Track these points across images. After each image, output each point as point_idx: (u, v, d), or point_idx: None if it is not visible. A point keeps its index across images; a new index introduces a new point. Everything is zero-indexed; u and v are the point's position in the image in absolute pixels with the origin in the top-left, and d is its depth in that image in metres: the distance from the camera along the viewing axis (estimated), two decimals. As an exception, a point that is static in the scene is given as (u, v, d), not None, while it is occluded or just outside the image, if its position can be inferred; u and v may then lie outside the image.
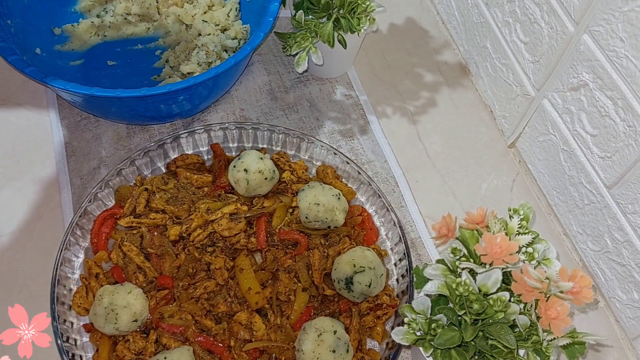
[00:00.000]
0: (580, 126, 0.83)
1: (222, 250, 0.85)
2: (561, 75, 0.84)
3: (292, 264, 0.84)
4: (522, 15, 0.90)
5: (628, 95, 0.73)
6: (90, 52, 1.05)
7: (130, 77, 1.03)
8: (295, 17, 0.95)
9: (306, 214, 0.86)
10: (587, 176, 0.85)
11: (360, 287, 0.80)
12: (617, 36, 0.72)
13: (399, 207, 0.95)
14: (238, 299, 0.82)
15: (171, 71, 1.02)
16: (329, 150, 0.93)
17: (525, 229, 0.70)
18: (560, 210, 0.94)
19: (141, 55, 1.05)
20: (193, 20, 1.06)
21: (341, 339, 0.77)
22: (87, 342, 0.80)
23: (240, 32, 1.05)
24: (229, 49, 1.04)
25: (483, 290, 0.66)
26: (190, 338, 0.79)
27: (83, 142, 0.97)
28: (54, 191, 0.92)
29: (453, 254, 0.69)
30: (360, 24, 0.94)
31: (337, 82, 1.07)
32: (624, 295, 0.84)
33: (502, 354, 0.65)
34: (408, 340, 0.68)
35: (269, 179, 0.88)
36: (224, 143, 0.95)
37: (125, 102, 0.88)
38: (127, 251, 0.83)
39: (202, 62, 1.01)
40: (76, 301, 0.81)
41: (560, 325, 0.62)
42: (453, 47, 1.13)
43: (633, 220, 0.78)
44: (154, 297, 0.80)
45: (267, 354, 0.79)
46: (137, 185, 0.90)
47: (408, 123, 1.04)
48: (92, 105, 0.93)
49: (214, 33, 1.04)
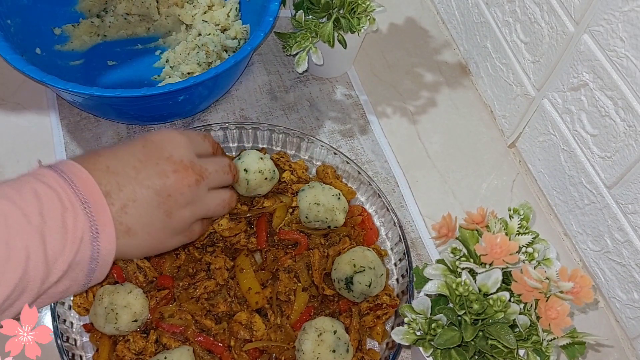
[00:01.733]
0: (581, 126, 0.83)
1: (222, 250, 0.85)
2: (561, 75, 0.84)
3: (292, 264, 0.84)
4: (523, 15, 0.90)
5: (628, 95, 0.73)
6: (90, 52, 1.05)
7: (130, 77, 1.03)
8: (295, 17, 0.95)
9: (306, 214, 0.86)
10: (587, 176, 0.85)
11: (360, 287, 0.80)
12: (617, 36, 0.72)
13: (399, 207, 0.95)
14: (238, 298, 0.82)
15: (171, 71, 1.02)
16: (329, 150, 0.93)
17: (525, 229, 0.70)
18: (560, 210, 0.94)
19: (141, 55, 1.05)
20: (193, 20, 1.06)
21: (341, 339, 0.77)
22: (87, 342, 0.80)
23: (240, 32, 1.05)
24: (229, 49, 1.04)
25: (483, 290, 0.66)
26: (190, 338, 0.79)
27: (83, 142, 0.97)
28: (54, 191, 0.92)
29: (453, 254, 0.69)
30: (360, 24, 0.94)
31: (337, 82, 1.07)
32: (624, 295, 0.84)
33: (502, 354, 0.65)
34: (408, 340, 0.68)
35: (269, 179, 0.88)
36: (224, 143, 0.95)
37: (125, 102, 0.88)
38: (127, 251, 0.83)
39: (202, 62, 1.01)
40: (76, 301, 0.81)
41: (560, 325, 0.62)
42: (453, 47, 1.13)
43: (633, 220, 0.78)
44: (154, 297, 0.80)
45: (267, 354, 0.79)
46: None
47: (408, 123, 1.04)
48: (92, 105, 0.93)
49: (214, 33, 1.04)
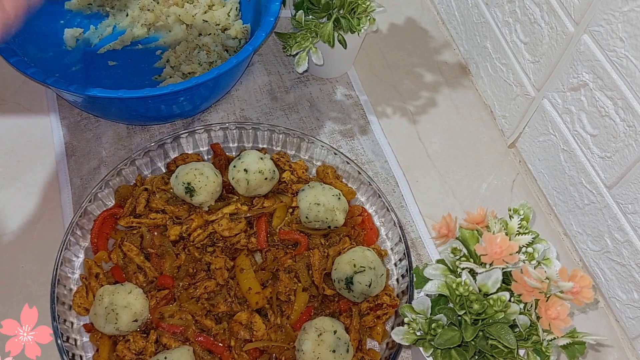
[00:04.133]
0: (580, 126, 0.83)
1: (222, 250, 0.85)
2: (561, 76, 0.85)
3: (292, 264, 0.84)
4: (522, 16, 0.90)
5: (628, 95, 0.73)
6: (91, 52, 1.05)
7: (131, 77, 1.03)
8: (296, 17, 0.95)
9: (306, 214, 0.86)
10: (587, 176, 0.85)
11: (361, 287, 0.80)
12: (617, 36, 0.72)
13: (399, 207, 0.95)
14: (238, 299, 0.82)
15: (172, 71, 1.02)
16: (329, 150, 0.93)
17: (525, 229, 0.70)
18: (560, 210, 0.94)
19: (141, 55, 1.05)
20: (193, 20, 1.06)
21: (341, 339, 0.77)
22: (87, 342, 0.80)
23: (240, 32, 1.05)
24: (230, 49, 1.04)
25: (483, 290, 0.66)
26: (191, 338, 0.79)
27: (83, 142, 0.97)
28: (54, 191, 0.92)
29: (453, 254, 0.69)
30: (360, 24, 0.94)
31: (338, 82, 1.07)
32: (624, 295, 0.84)
33: (502, 354, 0.65)
34: (408, 340, 0.68)
35: (269, 179, 0.88)
36: (224, 143, 0.95)
37: (126, 103, 0.88)
38: (127, 251, 0.83)
39: (203, 62, 1.01)
40: (76, 301, 0.81)
41: (560, 325, 0.62)
42: (453, 47, 1.13)
43: (633, 220, 0.78)
44: (154, 297, 0.80)
45: (267, 354, 0.79)
46: (137, 185, 0.90)
47: (408, 123, 1.04)
48: (93, 106, 0.93)
49: (214, 33, 1.04)
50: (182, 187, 0.85)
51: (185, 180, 0.85)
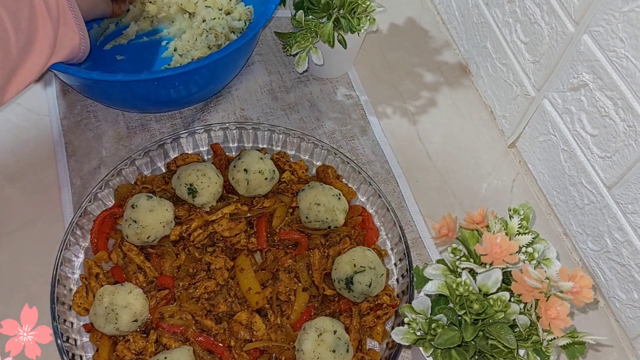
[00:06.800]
0: (580, 126, 0.83)
1: (222, 250, 0.85)
2: (561, 76, 0.85)
3: (293, 264, 0.84)
4: (523, 16, 0.90)
5: (628, 95, 0.73)
6: (97, 49, 1.04)
7: (141, 70, 1.02)
8: (296, 17, 0.95)
9: (306, 214, 0.86)
10: (587, 176, 0.85)
11: (361, 287, 0.80)
12: (617, 36, 0.72)
13: (399, 207, 0.95)
14: (238, 299, 0.82)
15: (181, 59, 1.02)
16: (329, 151, 0.93)
17: (525, 229, 0.70)
18: (560, 210, 0.94)
19: (148, 47, 1.05)
20: (196, 8, 1.06)
21: (341, 339, 0.77)
22: (87, 342, 0.80)
23: (244, 14, 1.06)
24: (236, 30, 1.05)
25: (483, 290, 0.66)
26: (191, 338, 0.79)
27: (83, 142, 0.97)
28: (54, 191, 0.92)
29: (453, 254, 0.69)
30: (361, 24, 0.94)
31: (338, 82, 1.07)
32: (624, 295, 0.84)
33: (502, 354, 0.65)
34: (408, 340, 0.68)
35: (269, 179, 0.88)
36: (224, 143, 0.95)
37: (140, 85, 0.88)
38: (127, 251, 0.83)
39: (213, 44, 1.02)
40: (76, 301, 0.81)
41: (560, 325, 0.62)
42: (453, 47, 1.13)
43: (633, 220, 0.78)
44: (154, 297, 0.80)
45: (267, 354, 0.79)
46: (138, 184, 0.90)
47: (408, 123, 1.04)
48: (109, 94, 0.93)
49: (218, 17, 1.05)
50: (184, 188, 0.85)
51: (188, 181, 0.85)
